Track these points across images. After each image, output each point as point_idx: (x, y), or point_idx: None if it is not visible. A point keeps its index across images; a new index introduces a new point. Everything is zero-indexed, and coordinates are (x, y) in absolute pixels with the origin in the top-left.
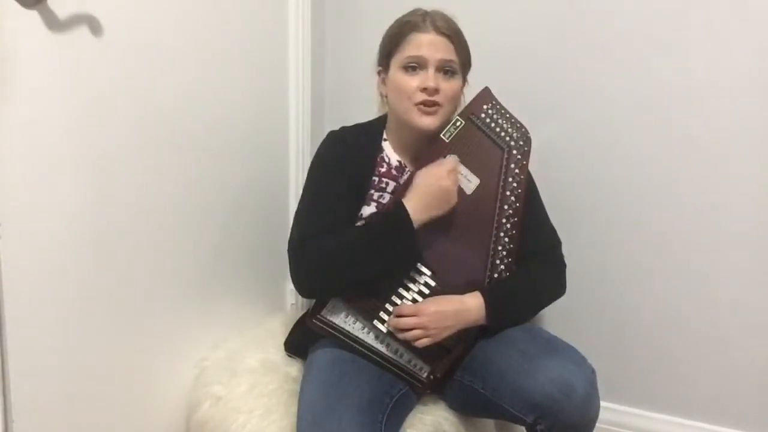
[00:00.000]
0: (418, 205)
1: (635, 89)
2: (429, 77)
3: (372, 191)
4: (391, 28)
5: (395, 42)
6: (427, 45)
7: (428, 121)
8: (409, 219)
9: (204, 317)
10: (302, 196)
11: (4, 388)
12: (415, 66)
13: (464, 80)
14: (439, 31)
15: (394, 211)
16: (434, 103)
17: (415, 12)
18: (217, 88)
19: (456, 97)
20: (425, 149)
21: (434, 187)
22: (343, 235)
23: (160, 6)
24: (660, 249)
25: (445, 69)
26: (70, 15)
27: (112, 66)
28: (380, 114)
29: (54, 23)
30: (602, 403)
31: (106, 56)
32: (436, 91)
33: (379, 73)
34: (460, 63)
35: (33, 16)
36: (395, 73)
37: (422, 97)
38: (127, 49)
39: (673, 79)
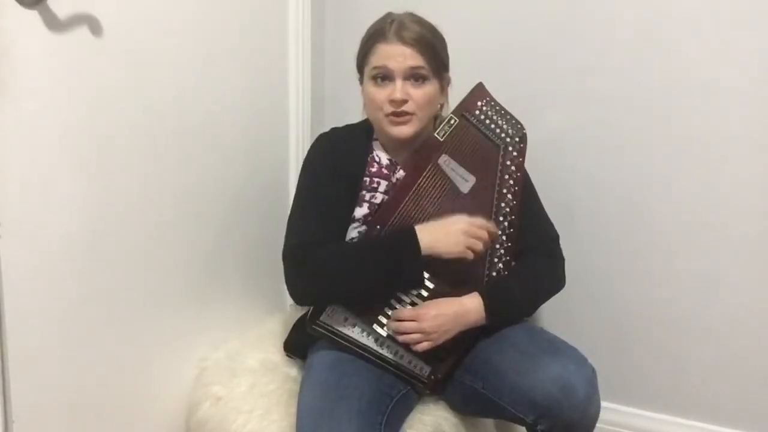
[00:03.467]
0: (427, 234)
1: (635, 88)
2: (396, 89)
3: (363, 192)
4: (363, 37)
5: (364, 53)
6: (392, 56)
7: (400, 131)
8: (418, 245)
9: (204, 317)
10: (294, 200)
11: (4, 388)
12: (383, 77)
13: (442, 82)
14: (403, 40)
15: (403, 235)
16: (404, 113)
17: (384, 19)
18: (217, 88)
19: (430, 102)
20: (417, 147)
21: (450, 228)
22: (346, 248)
23: (159, 6)
24: (660, 248)
25: (414, 76)
26: (70, 15)
27: (112, 66)
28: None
29: (54, 23)
30: (602, 403)
31: (106, 56)
32: (404, 101)
33: (359, 80)
34: (430, 67)
35: (33, 16)
36: (366, 84)
37: (391, 108)
38: (127, 49)
39: (673, 79)
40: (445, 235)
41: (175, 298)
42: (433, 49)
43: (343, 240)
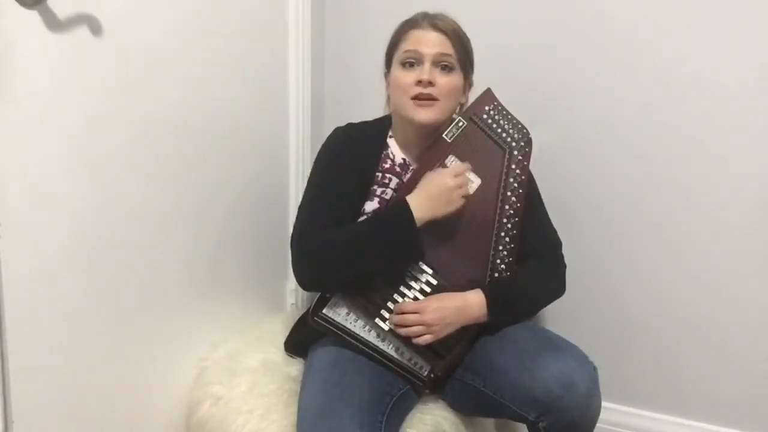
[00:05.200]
0: (421, 204)
1: (635, 90)
2: (424, 71)
3: (375, 187)
4: (395, 30)
5: (395, 41)
6: (423, 41)
7: (424, 114)
8: (412, 217)
9: (204, 317)
10: (306, 188)
11: (4, 388)
12: (412, 62)
13: (467, 79)
14: (436, 27)
15: (398, 208)
16: (429, 96)
17: (417, 14)
18: (217, 87)
19: (454, 92)
20: (428, 148)
21: (440, 189)
22: (346, 229)
23: (160, 6)
24: (660, 249)
25: (442, 63)
26: (70, 15)
27: (112, 66)
28: (387, 113)
29: (54, 23)
30: (602, 403)
31: (106, 56)
32: (430, 84)
33: (385, 75)
34: (458, 58)
35: (33, 16)
36: (395, 70)
37: (417, 90)
38: (127, 49)
39: (674, 80)
40: (438, 198)
41: (175, 298)
42: (462, 43)
43: None
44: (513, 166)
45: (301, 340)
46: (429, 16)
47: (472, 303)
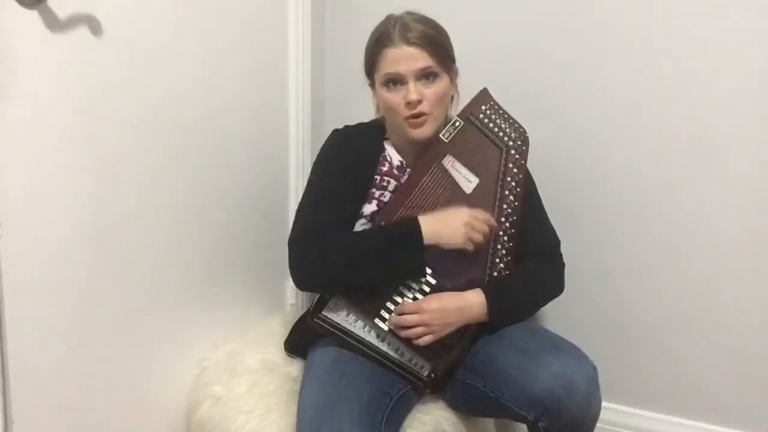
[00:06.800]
0: (429, 226)
1: (634, 90)
2: (410, 91)
3: (373, 189)
4: (368, 42)
5: (372, 59)
6: (401, 60)
7: (420, 132)
8: (421, 235)
9: (204, 317)
10: (305, 191)
11: (4, 388)
12: (395, 81)
13: (451, 74)
14: (409, 42)
15: (407, 224)
16: (421, 114)
17: (386, 22)
18: (217, 88)
19: (443, 98)
20: (425, 149)
21: (451, 217)
22: (352, 234)
23: (160, 6)
24: (660, 249)
25: (425, 76)
26: (70, 15)
27: (112, 66)
28: (378, 117)
29: (54, 23)
30: (602, 403)
31: (106, 56)
32: (419, 102)
33: (369, 85)
34: (439, 64)
35: (33, 16)
36: (380, 89)
37: (408, 111)
38: (127, 49)
39: (673, 80)
40: (447, 225)
41: (175, 298)
42: (439, 45)
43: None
44: (510, 165)
45: (301, 340)
46: (399, 27)
47: (472, 303)
